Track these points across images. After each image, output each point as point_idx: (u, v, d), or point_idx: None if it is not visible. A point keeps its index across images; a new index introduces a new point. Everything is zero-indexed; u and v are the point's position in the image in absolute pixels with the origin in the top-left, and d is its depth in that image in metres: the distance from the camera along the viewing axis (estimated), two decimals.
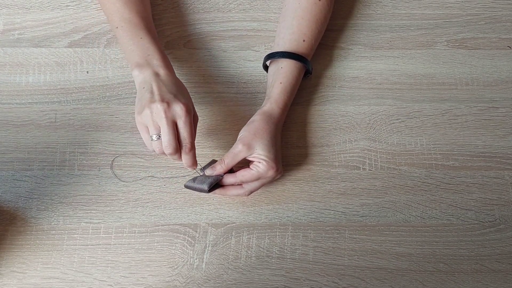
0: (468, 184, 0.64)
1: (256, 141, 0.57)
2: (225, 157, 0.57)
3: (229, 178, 0.58)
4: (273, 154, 0.57)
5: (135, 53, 0.59)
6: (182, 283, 0.59)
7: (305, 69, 0.64)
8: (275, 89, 0.61)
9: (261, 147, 0.57)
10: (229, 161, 0.57)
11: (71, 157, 0.63)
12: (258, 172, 0.57)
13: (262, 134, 0.58)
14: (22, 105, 0.65)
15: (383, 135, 0.66)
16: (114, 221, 0.61)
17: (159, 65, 0.57)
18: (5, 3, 0.69)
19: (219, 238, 0.60)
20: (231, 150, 0.58)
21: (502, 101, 0.68)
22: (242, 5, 0.71)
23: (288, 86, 0.62)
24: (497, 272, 0.60)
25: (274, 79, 0.62)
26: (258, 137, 0.57)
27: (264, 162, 0.57)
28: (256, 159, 0.57)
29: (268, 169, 0.57)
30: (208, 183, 0.57)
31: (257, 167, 0.57)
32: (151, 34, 0.61)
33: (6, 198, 0.61)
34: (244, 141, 0.57)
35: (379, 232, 0.61)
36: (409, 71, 0.69)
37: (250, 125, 0.59)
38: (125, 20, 0.61)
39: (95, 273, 0.58)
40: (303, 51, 0.63)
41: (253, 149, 0.57)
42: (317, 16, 0.64)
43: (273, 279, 0.59)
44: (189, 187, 0.59)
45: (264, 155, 0.57)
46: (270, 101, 0.61)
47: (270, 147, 0.57)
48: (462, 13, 0.72)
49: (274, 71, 0.63)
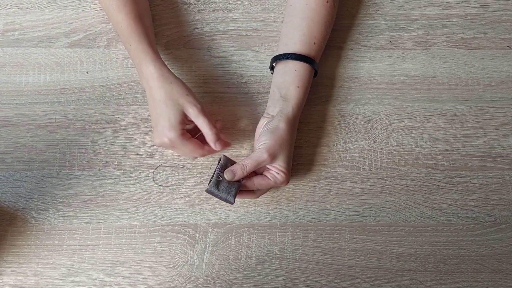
0: (468, 184, 0.64)
1: (280, 152, 0.57)
2: (247, 163, 0.56)
3: (248, 184, 0.57)
4: (290, 166, 0.58)
5: (133, 62, 0.60)
6: (182, 283, 0.58)
7: (314, 71, 0.64)
8: (293, 93, 0.60)
9: (283, 159, 0.57)
10: (251, 168, 0.56)
11: (71, 158, 0.63)
12: (275, 182, 0.57)
13: (286, 145, 0.58)
14: (22, 105, 0.65)
15: (383, 135, 0.65)
16: (114, 221, 0.61)
17: (149, 76, 0.57)
18: (5, 3, 0.69)
19: (219, 238, 0.60)
20: (254, 157, 0.56)
21: (502, 101, 0.68)
22: (242, 5, 0.71)
23: (305, 90, 0.62)
24: (497, 272, 0.60)
25: (288, 81, 0.61)
26: (283, 148, 0.57)
27: (282, 174, 0.57)
28: (275, 170, 0.57)
29: (284, 180, 0.57)
30: (233, 194, 0.56)
31: (275, 178, 0.57)
32: (143, 37, 0.59)
33: (6, 198, 0.61)
34: (270, 151, 0.56)
35: (379, 232, 0.61)
36: (409, 71, 0.69)
37: (275, 133, 0.58)
38: (118, 25, 0.61)
39: (95, 274, 0.58)
40: (314, 54, 0.63)
41: (275, 160, 0.57)
42: (326, 18, 0.64)
43: (273, 279, 0.59)
44: (213, 194, 0.57)
45: (284, 167, 0.57)
46: (291, 106, 0.60)
47: (290, 159, 0.58)
48: (462, 13, 0.72)
49: (285, 71, 0.62)
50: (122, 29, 0.60)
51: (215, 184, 0.56)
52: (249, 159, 0.57)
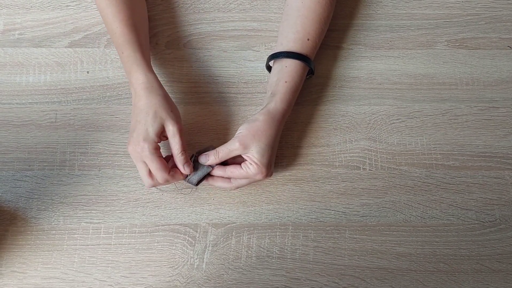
0: (469, 184, 0.64)
1: (253, 143, 0.57)
2: (219, 150, 0.58)
3: (218, 171, 0.58)
4: (266, 159, 0.57)
5: (124, 69, 0.60)
6: (183, 283, 0.59)
7: (308, 68, 0.64)
8: (280, 88, 0.61)
9: (256, 150, 0.57)
10: (223, 155, 0.58)
11: (72, 157, 0.63)
12: (247, 173, 0.57)
13: (261, 137, 0.57)
14: (22, 105, 0.65)
15: (383, 135, 0.65)
16: (115, 221, 0.61)
17: (137, 85, 0.57)
18: (5, 3, 0.69)
19: (219, 238, 0.60)
20: (227, 145, 0.58)
21: (503, 101, 0.68)
22: (242, 5, 0.71)
23: (293, 86, 0.61)
24: (497, 272, 0.60)
25: (278, 78, 0.61)
26: (257, 139, 0.57)
27: (255, 165, 0.57)
28: (249, 160, 0.57)
29: (257, 173, 0.57)
30: (198, 176, 0.58)
31: (247, 168, 0.57)
32: (136, 46, 0.59)
33: (6, 198, 0.61)
34: (242, 140, 0.57)
35: (380, 232, 0.61)
36: (409, 71, 0.69)
37: (251, 124, 0.58)
38: (112, 31, 0.61)
39: (95, 273, 0.58)
40: (307, 51, 0.63)
41: (248, 150, 0.57)
42: (321, 15, 0.64)
43: (273, 279, 0.59)
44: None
45: (257, 159, 0.57)
46: (275, 99, 0.60)
47: (265, 152, 0.57)
48: (462, 13, 0.72)
49: (278, 69, 0.62)
50: (116, 36, 0.60)
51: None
52: (223, 146, 0.58)
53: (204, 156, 0.58)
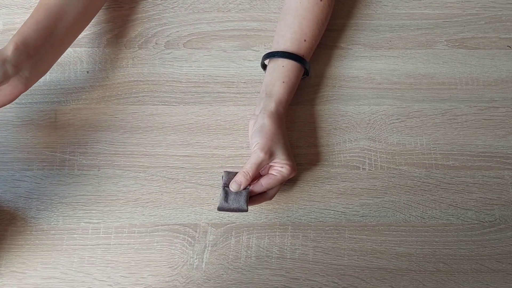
0: (468, 184, 0.64)
1: (275, 147, 0.57)
2: (247, 169, 0.57)
3: (256, 188, 0.57)
4: (291, 156, 0.58)
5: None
6: (182, 283, 0.58)
7: (304, 69, 0.64)
8: (278, 88, 0.61)
9: (281, 152, 0.57)
10: (253, 172, 0.57)
11: (71, 157, 0.63)
12: (283, 177, 0.57)
13: (279, 138, 0.58)
14: (22, 105, 0.65)
15: (383, 135, 0.65)
16: (114, 221, 0.61)
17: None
18: (5, 3, 0.69)
19: (219, 238, 0.60)
20: (252, 161, 0.57)
21: (502, 100, 0.67)
22: (242, 5, 0.71)
23: (290, 86, 0.62)
24: (497, 272, 0.60)
25: (275, 78, 0.61)
26: (276, 142, 0.57)
27: (287, 166, 0.57)
28: (278, 165, 0.57)
29: (291, 172, 0.58)
30: (244, 201, 0.57)
31: (281, 172, 0.57)
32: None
33: (6, 198, 0.61)
34: (265, 149, 0.56)
35: (379, 232, 0.61)
36: (409, 71, 0.69)
37: (263, 130, 0.58)
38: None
39: (94, 273, 0.58)
40: (304, 51, 0.63)
41: (274, 155, 0.57)
42: (319, 16, 0.64)
43: (273, 279, 0.59)
44: (225, 209, 0.57)
45: (286, 159, 0.57)
46: (274, 100, 0.60)
47: (288, 150, 0.58)
48: (462, 12, 0.72)
49: (274, 69, 0.62)
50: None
51: (224, 199, 0.57)
52: (248, 164, 0.57)
53: (234, 184, 0.57)
